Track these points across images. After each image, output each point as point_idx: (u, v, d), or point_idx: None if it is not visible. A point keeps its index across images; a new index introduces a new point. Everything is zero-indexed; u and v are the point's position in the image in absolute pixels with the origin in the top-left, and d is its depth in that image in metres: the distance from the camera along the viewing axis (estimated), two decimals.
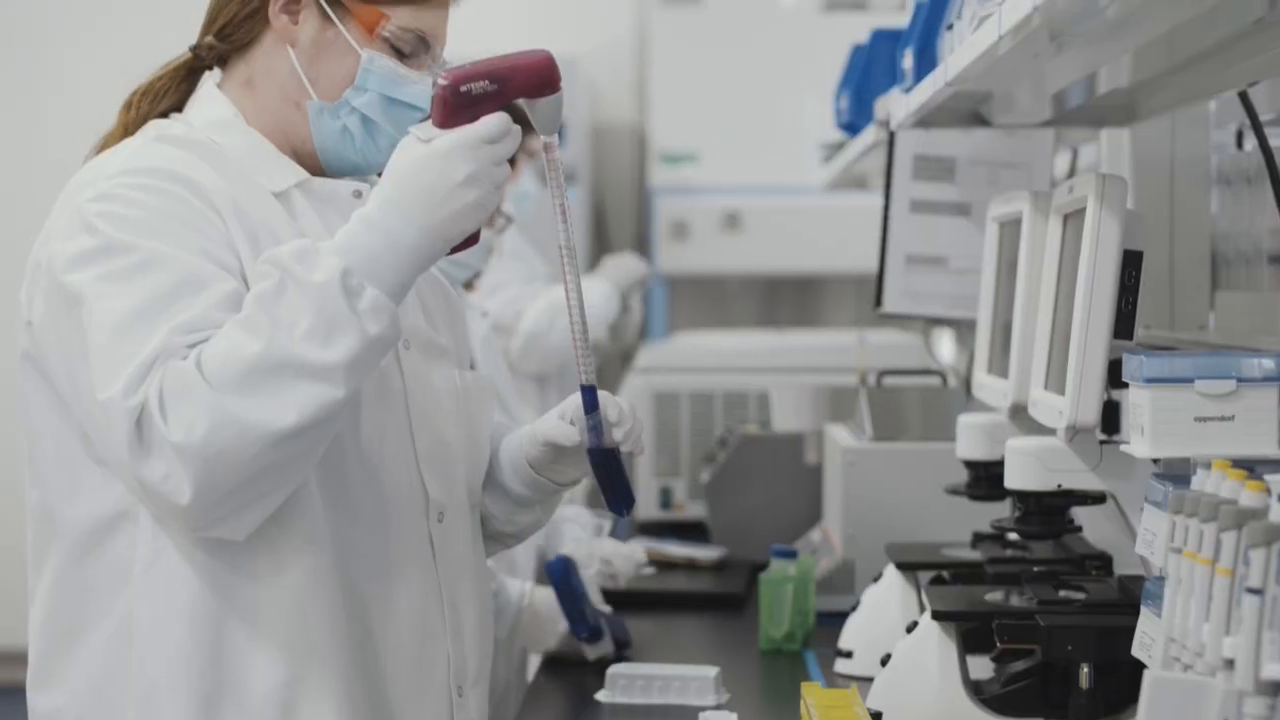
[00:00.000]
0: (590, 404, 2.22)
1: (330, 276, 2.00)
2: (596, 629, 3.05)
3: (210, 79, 2.32)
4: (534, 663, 3.49)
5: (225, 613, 2.09)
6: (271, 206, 2.18)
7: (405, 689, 2.19)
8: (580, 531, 3.40)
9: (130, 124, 2.27)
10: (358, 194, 2.25)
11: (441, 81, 2.07)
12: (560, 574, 3.07)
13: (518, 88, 2.09)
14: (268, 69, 2.25)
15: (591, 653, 3.06)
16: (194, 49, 2.29)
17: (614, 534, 3.46)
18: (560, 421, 2.30)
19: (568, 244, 2.18)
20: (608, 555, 3.26)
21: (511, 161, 2.14)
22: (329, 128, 2.24)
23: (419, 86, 2.24)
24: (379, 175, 2.23)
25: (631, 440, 2.26)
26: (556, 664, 3.08)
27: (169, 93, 2.29)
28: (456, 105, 2.06)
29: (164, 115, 2.28)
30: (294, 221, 2.19)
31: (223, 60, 2.30)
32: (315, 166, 2.27)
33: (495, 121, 2.08)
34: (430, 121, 2.09)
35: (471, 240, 2.11)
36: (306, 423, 1.99)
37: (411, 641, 2.20)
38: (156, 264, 2.03)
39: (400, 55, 2.24)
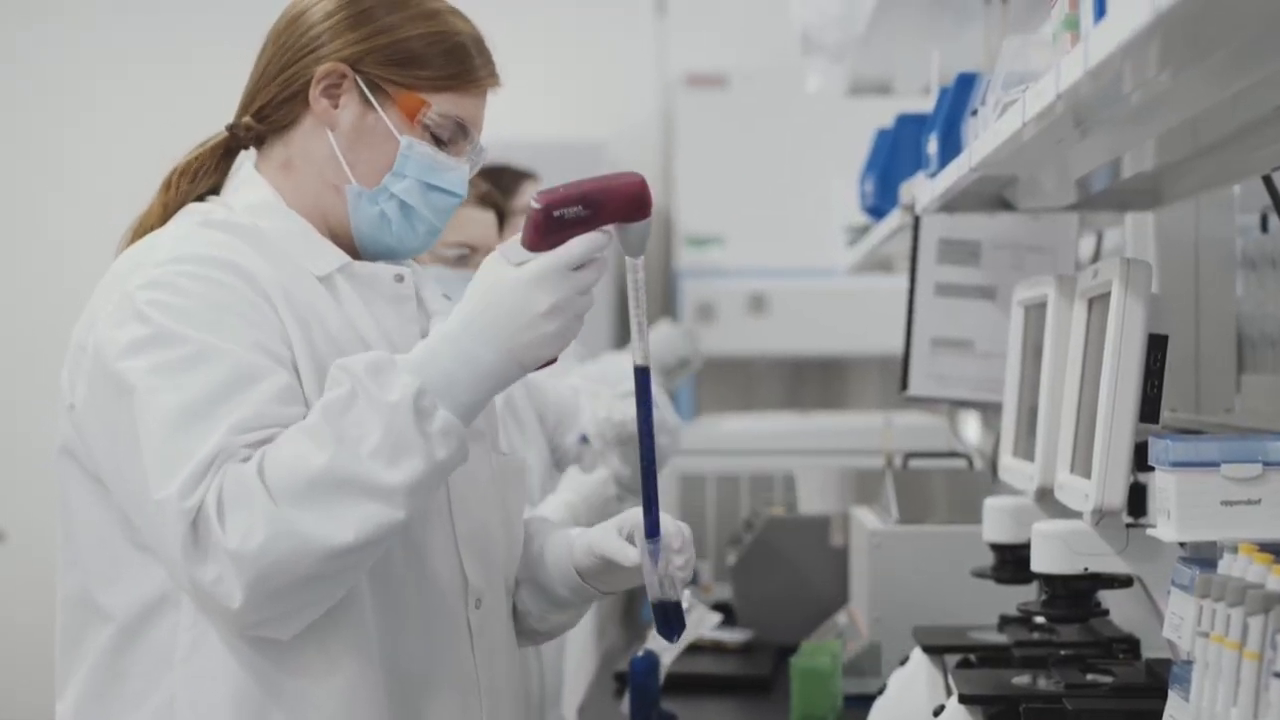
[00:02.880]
0: (652, 530, 2.20)
1: (404, 396, 2.00)
2: None
3: (248, 159, 2.32)
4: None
5: (270, 705, 2.07)
6: (316, 291, 2.17)
7: None
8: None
9: (170, 204, 2.26)
10: (399, 278, 2.24)
11: (535, 204, 2.06)
12: (642, 671, 3.03)
13: (610, 213, 2.08)
14: (306, 152, 2.25)
15: None
16: (231, 128, 2.29)
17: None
18: (619, 539, 2.28)
19: (643, 361, 2.15)
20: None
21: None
22: (366, 212, 2.23)
23: (456, 173, 2.25)
24: (414, 259, 2.25)
25: (688, 569, 2.25)
26: None
27: (208, 173, 2.28)
28: (547, 228, 2.05)
29: (201, 197, 2.28)
30: (339, 306, 2.18)
31: (259, 140, 2.29)
32: (351, 249, 2.26)
33: (583, 248, 2.06)
34: (518, 240, 2.08)
35: (550, 363, 2.10)
36: (364, 541, 1.99)
37: None
38: (210, 357, 2.03)
39: (438, 141, 2.24)
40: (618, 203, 2.08)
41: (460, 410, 2.04)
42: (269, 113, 2.26)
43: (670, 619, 2.22)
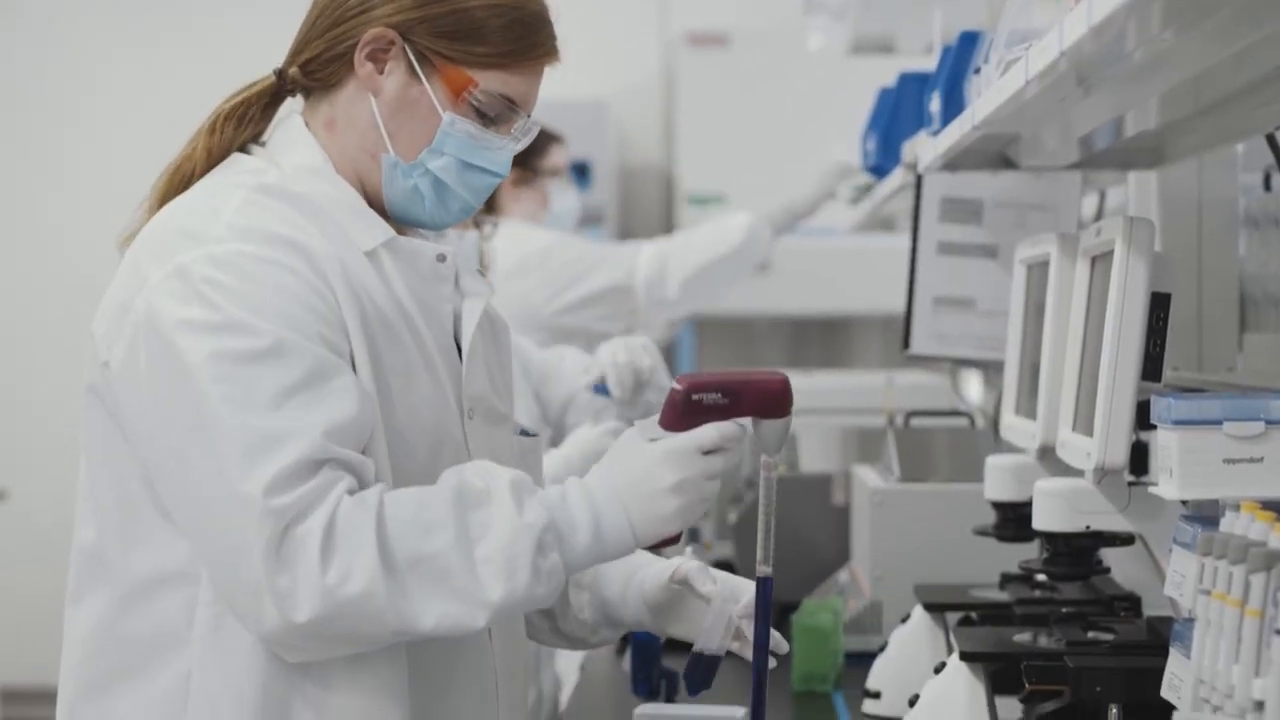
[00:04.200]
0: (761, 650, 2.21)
1: (535, 522, 2.00)
2: (655, 689, 3.04)
3: (294, 108, 2.25)
4: (562, 700, 3.50)
5: (294, 694, 2.05)
6: (365, 267, 2.13)
7: None
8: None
9: (214, 150, 2.20)
10: (441, 258, 2.20)
11: (677, 386, 2.09)
12: (645, 635, 3.04)
13: (748, 406, 2.10)
14: (349, 115, 2.19)
15: None
16: (278, 74, 2.23)
17: None
18: (704, 570, 2.31)
19: (764, 560, 2.16)
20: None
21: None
22: (400, 185, 2.18)
23: (499, 153, 2.20)
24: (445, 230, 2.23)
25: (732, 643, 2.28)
26: (583, 703, 3.08)
27: (254, 119, 2.22)
28: (685, 410, 2.08)
29: (244, 145, 2.22)
30: (385, 284, 2.14)
31: (306, 90, 2.23)
32: (385, 218, 2.21)
33: (716, 434, 2.08)
34: (655, 419, 2.10)
35: (669, 543, 2.12)
36: (435, 633, 1.99)
37: (468, 718, 2.19)
38: (284, 352, 1.99)
39: (484, 117, 2.18)
40: (757, 397, 2.11)
41: (568, 561, 2.04)
42: (315, 69, 2.20)
43: (704, 673, 2.25)
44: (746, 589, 2.28)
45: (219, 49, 7.21)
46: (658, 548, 2.12)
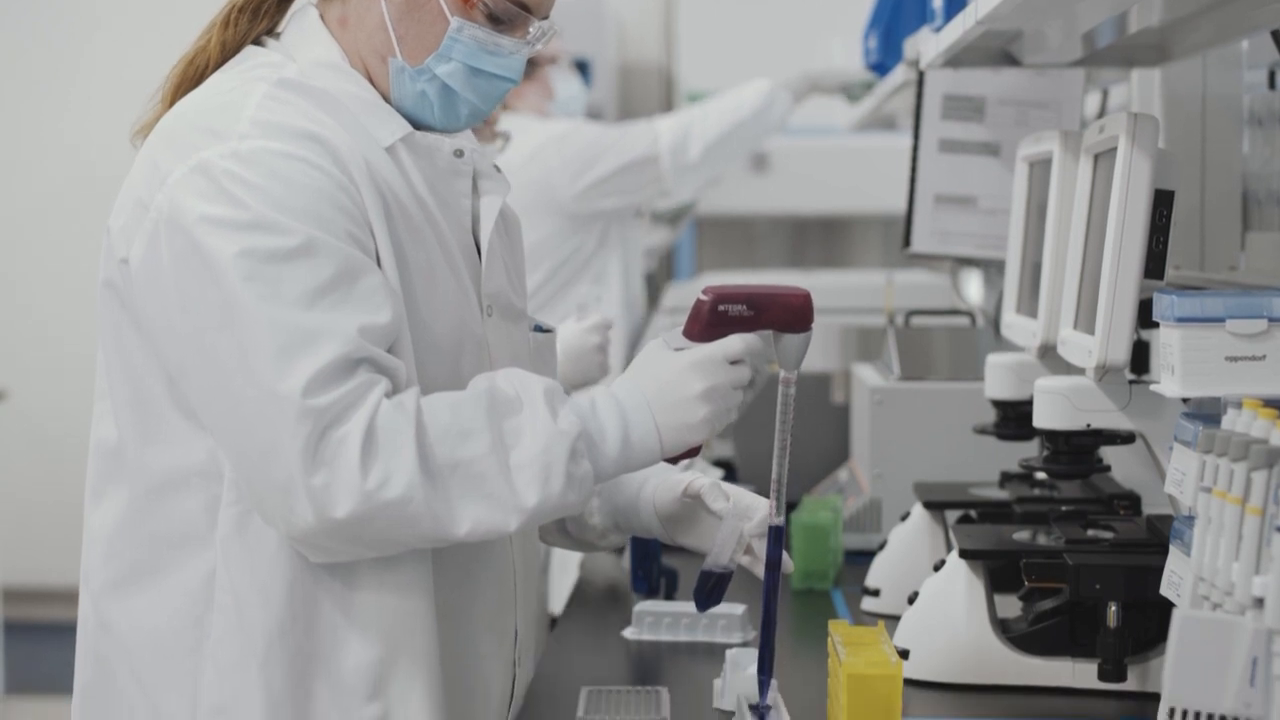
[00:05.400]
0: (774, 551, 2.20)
1: (568, 429, 2.00)
2: (655, 587, 3.05)
3: (308, 1, 2.22)
4: (559, 598, 3.50)
5: (321, 592, 2.05)
6: (386, 163, 2.11)
7: (481, 663, 2.18)
8: None
9: (229, 43, 2.17)
10: (459, 153, 2.18)
11: (703, 297, 2.10)
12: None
13: (771, 319, 2.12)
14: (360, 14, 2.15)
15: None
16: None
17: None
18: (717, 487, 2.31)
19: (779, 477, 2.17)
20: None
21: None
22: (408, 89, 2.15)
23: (510, 58, 2.16)
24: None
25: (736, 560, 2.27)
26: (583, 601, 3.09)
27: (269, 12, 2.19)
28: (710, 321, 2.10)
29: (258, 39, 2.19)
30: (405, 178, 2.12)
31: None
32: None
33: (741, 344, 2.10)
34: (679, 330, 2.11)
35: (691, 454, 2.13)
36: (469, 538, 1.98)
37: (489, 615, 2.18)
38: (312, 251, 1.97)
39: (496, 22, 2.14)
40: (779, 311, 2.12)
41: (598, 469, 2.04)
42: None
43: (713, 590, 2.25)
44: (759, 506, 2.28)
45: None
46: (678, 459, 2.12)
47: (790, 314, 2.12)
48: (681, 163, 5.08)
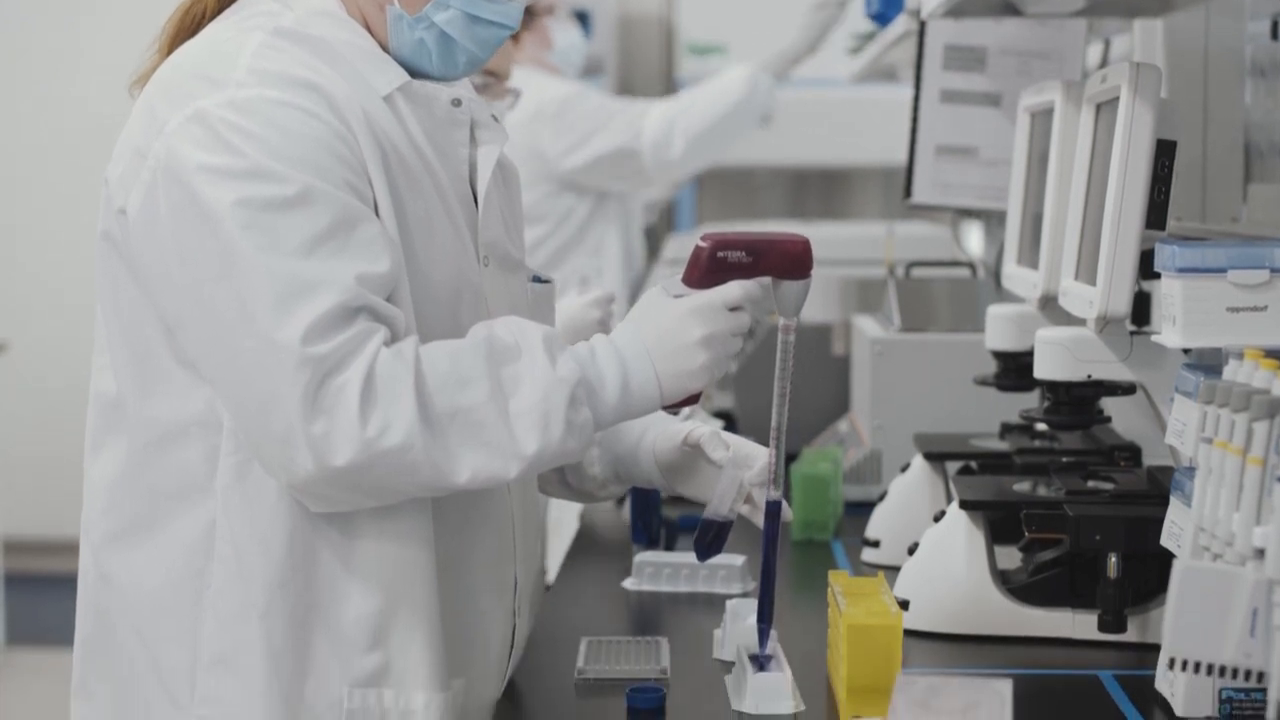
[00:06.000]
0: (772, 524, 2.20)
1: (568, 376, 1.99)
2: (655, 538, 3.05)
3: None
4: (558, 551, 3.51)
5: (321, 542, 2.04)
6: (384, 112, 2.09)
7: (481, 613, 2.18)
8: None
9: None
10: (457, 102, 2.17)
11: (701, 243, 2.10)
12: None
13: (770, 265, 2.11)
14: None
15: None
16: None
17: None
18: (717, 436, 2.30)
19: (778, 425, 2.16)
20: None
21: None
22: (406, 37, 2.14)
23: (507, 6, 2.15)
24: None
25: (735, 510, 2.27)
26: (583, 552, 3.10)
27: None
28: (710, 268, 2.09)
29: None
30: (403, 128, 2.10)
31: None
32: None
33: (740, 290, 2.08)
34: (678, 277, 2.11)
35: (690, 401, 2.11)
36: (469, 486, 1.98)
37: (489, 565, 2.18)
38: (310, 199, 1.96)
39: None
40: (779, 257, 2.11)
41: (598, 416, 2.03)
42: None
43: (714, 539, 2.24)
44: (759, 455, 2.28)
45: None
46: (677, 407, 2.12)
47: (789, 260, 2.12)
48: (664, 158, 5.12)
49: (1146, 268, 2.22)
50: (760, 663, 2.17)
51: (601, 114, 5.06)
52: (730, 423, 3.94)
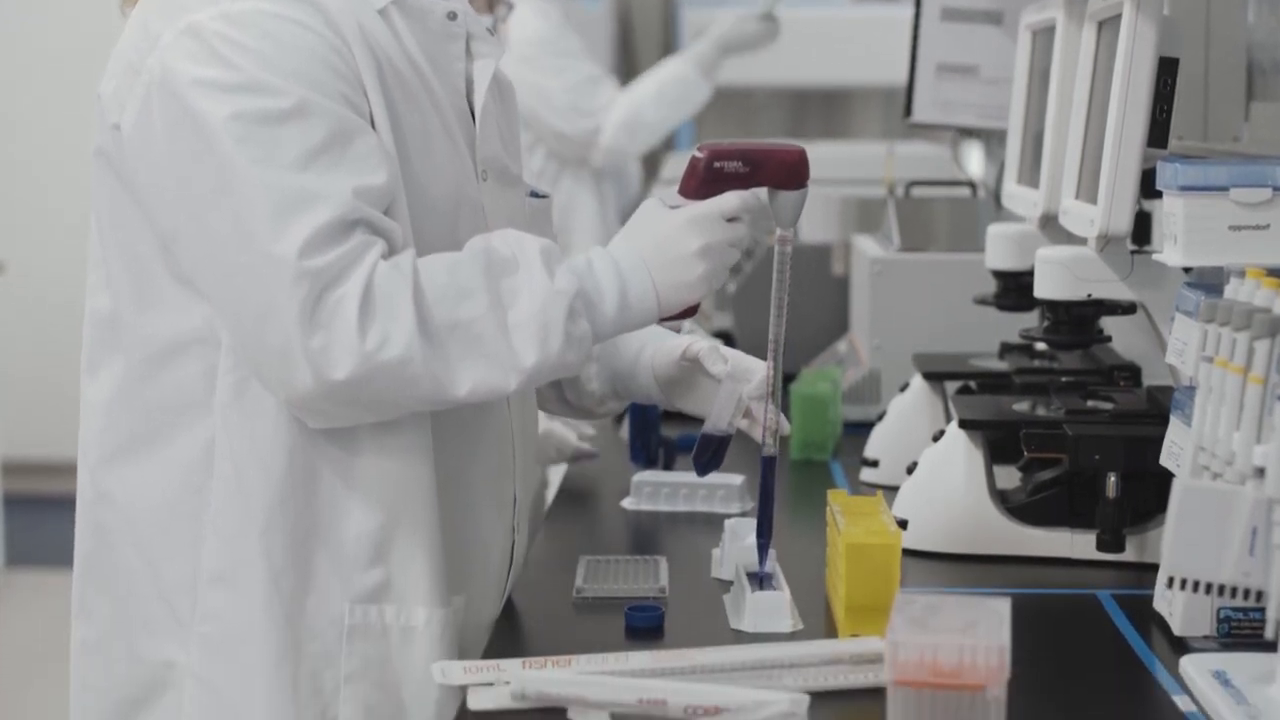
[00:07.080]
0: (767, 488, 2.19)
1: (566, 288, 1.98)
2: (653, 458, 3.05)
3: None
4: (556, 474, 3.50)
5: (321, 458, 2.04)
6: (379, 25, 2.08)
7: (481, 529, 2.18)
8: None
9: None
10: (452, 15, 2.16)
11: (698, 153, 2.08)
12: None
13: (767, 175, 2.10)
14: None
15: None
16: None
17: None
18: (715, 350, 2.30)
19: (776, 338, 2.16)
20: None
21: None
22: None
23: None
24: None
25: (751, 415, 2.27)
26: (581, 472, 3.09)
27: None
28: (706, 178, 2.08)
29: None
30: (398, 41, 2.09)
31: None
32: None
33: (738, 200, 2.07)
34: (674, 189, 2.09)
35: (688, 313, 2.11)
36: (469, 399, 1.97)
37: (489, 481, 2.18)
38: (306, 112, 1.94)
39: None
40: (775, 167, 2.10)
41: (596, 328, 2.03)
42: None
43: (713, 454, 2.23)
44: (757, 369, 2.27)
45: None
46: (676, 318, 2.11)
47: (786, 170, 2.11)
48: (614, 157, 5.46)
49: (1148, 186, 2.21)
50: (759, 581, 2.17)
51: (564, 98, 5.33)
52: (729, 343, 3.93)
